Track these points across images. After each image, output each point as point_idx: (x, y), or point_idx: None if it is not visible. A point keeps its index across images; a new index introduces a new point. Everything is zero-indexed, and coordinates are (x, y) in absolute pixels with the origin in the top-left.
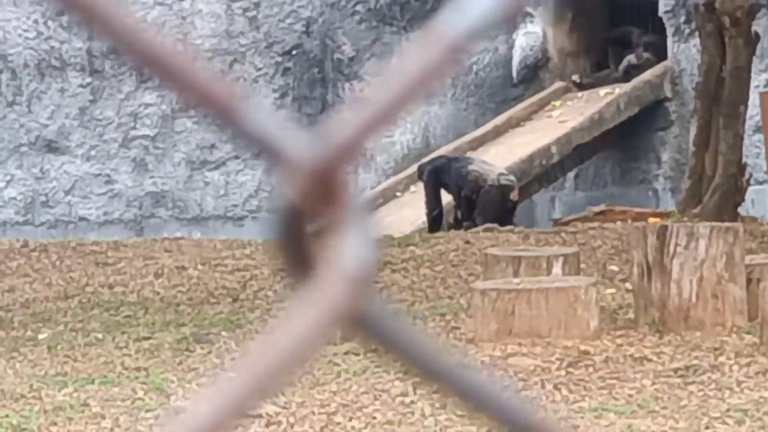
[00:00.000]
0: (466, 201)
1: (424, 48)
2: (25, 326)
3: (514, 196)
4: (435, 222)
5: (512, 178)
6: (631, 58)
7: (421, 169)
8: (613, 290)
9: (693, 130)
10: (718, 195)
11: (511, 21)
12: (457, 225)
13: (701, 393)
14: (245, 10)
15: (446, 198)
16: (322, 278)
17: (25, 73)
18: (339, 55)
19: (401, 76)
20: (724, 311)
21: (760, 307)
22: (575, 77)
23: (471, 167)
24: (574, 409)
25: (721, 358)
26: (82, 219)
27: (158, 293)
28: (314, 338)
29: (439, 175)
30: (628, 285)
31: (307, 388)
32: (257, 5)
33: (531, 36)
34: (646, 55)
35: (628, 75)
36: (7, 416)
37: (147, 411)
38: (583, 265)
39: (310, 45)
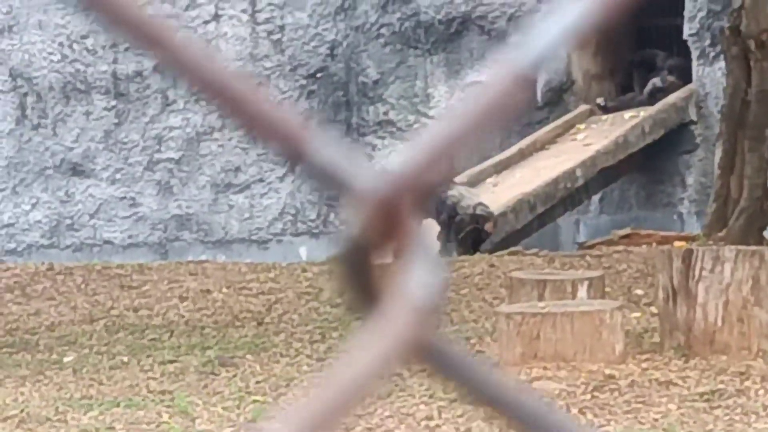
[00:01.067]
0: (444, 225)
1: (491, 79)
2: (50, 349)
3: (488, 228)
4: None
5: (490, 210)
6: (656, 81)
7: None
8: (638, 314)
9: (718, 154)
10: (744, 218)
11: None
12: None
13: (727, 417)
14: (270, 33)
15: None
16: (388, 309)
17: (50, 96)
18: (363, 78)
19: (468, 108)
20: (750, 335)
21: None
22: (600, 100)
23: (451, 192)
24: None
25: (747, 383)
26: (107, 242)
27: (183, 316)
28: (381, 370)
29: None
30: (653, 309)
31: None
32: (282, 28)
33: (556, 59)
34: (671, 78)
35: (653, 98)
36: None
37: None
38: (608, 289)
39: (335, 68)
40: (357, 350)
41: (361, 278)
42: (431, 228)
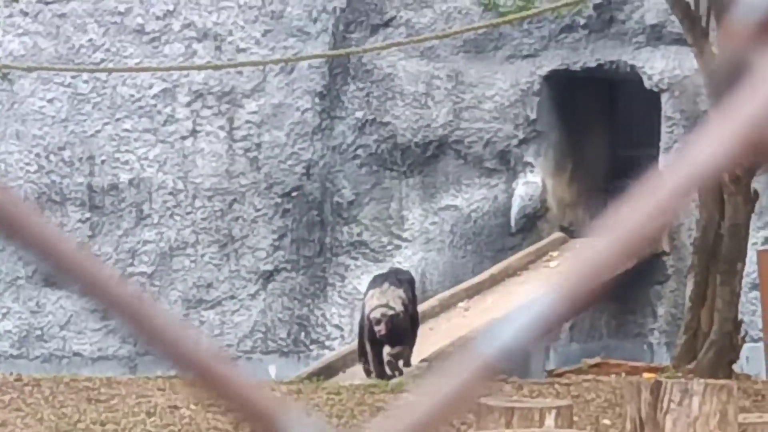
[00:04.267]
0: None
1: (461, 367)
2: None
3: (379, 330)
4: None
5: (385, 312)
6: None
7: None
8: None
9: (690, 286)
10: (713, 351)
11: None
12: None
13: None
14: (247, 150)
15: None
16: None
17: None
18: (338, 199)
19: (441, 392)
20: None
21: None
22: (566, 223)
23: (367, 298)
24: None
25: None
26: (76, 354)
27: None
28: None
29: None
30: None
31: None
32: (259, 146)
33: (530, 185)
34: None
35: None
36: None
37: None
38: (576, 418)
39: (310, 187)
40: None
41: None
42: None
